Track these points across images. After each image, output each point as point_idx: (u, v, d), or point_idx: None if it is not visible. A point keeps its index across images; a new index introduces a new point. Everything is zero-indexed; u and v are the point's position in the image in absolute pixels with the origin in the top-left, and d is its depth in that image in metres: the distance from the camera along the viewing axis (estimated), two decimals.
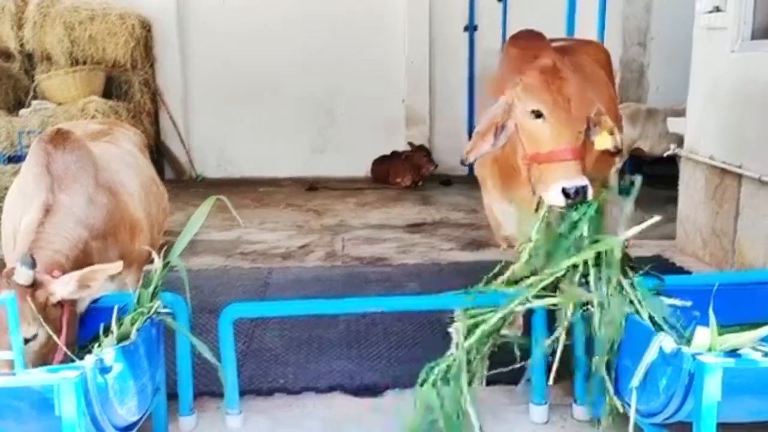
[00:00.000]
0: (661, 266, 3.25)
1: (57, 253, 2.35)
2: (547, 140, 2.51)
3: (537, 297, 2.48)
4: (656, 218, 2.40)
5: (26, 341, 2.18)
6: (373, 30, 7.50)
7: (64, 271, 2.31)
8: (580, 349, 2.55)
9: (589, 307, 2.39)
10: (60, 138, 2.66)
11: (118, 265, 2.33)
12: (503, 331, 2.80)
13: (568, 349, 2.51)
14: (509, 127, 2.64)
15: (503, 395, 2.73)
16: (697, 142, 4.57)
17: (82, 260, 2.42)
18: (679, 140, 4.86)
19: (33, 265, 2.20)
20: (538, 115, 2.55)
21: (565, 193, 2.42)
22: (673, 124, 5.12)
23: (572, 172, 2.45)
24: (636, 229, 2.42)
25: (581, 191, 2.42)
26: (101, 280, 2.30)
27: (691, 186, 4.63)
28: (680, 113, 5.08)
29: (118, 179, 2.76)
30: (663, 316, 2.23)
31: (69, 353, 2.28)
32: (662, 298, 2.33)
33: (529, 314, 2.64)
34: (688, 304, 2.30)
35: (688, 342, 1.97)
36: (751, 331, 1.84)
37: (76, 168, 2.58)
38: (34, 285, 2.21)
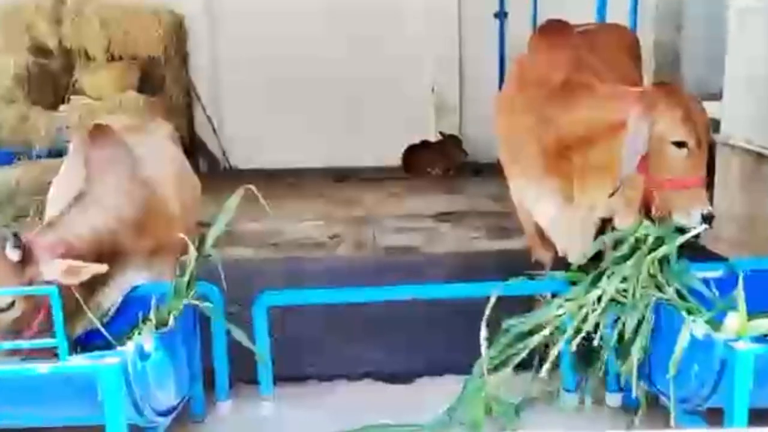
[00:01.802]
0: (696, 253, 3.22)
1: (70, 235, 2.40)
2: (686, 169, 2.61)
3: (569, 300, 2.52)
4: (702, 227, 2.54)
5: (1, 310, 2.23)
6: (402, 18, 7.48)
7: (75, 254, 2.36)
8: (610, 336, 2.54)
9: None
10: (98, 132, 2.76)
11: (103, 267, 2.38)
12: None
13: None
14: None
15: (535, 382, 2.73)
16: (733, 126, 4.48)
17: (106, 247, 2.48)
18: (715, 125, 4.76)
19: (17, 242, 2.24)
20: (680, 145, 2.60)
21: (704, 217, 2.57)
22: (708, 108, 5.01)
23: (705, 199, 2.63)
24: (684, 237, 2.51)
25: (712, 217, 2.60)
26: (86, 275, 2.34)
27: (726, 171, 4.54)
28: (716, 97, 4.98)
29: (153, 171, 2.83)
30: (695, 292, 2.24)
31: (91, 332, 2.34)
32: (694, 272, 2.36)
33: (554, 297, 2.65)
34: (719, 273, 2.34)
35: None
36: None
37: (112, 161, 2.67)
38: (25, 261, 2.26)
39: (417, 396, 3.03)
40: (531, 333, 2.56)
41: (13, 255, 2.23)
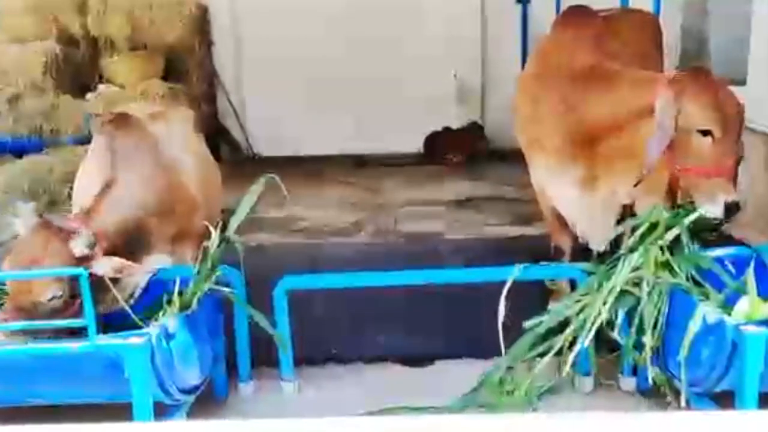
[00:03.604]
0: (718, 239, 3.21)
1: (104, 226, 2.49)
2: (711, 158, 2.56)
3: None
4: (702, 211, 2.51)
5: (51, 299, 2.34)
6: (424, 5, 7.46)
7: (110, 243, 2.46)
8: (626, 321, 2.57)
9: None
10: (121, 120, 2.82)
11: (150, 268, 2.54)
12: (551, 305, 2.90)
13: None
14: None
15: (550, 365, 2.76)
16: (757, 111, 4.42)
17: (134, 235, 2.57)
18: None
19: (93, 245, 2.35)
20: (705, 133, 2.57)
21: (727, 207, 2.52)
22: (737, 95, 4.93)
23: (730, 188, 2.56)
24: (691, 218, 2.49)
25: (738, 207, 2.55)
26: (134, 273, 2.48)
27: (750, 157, 4.48)
28: (744, 83, 4.90)
29: (175, 159, 2.89)
30: (710, 276, 2.24)
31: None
32: (707, 253, 2.37)
33: (573, 283, 2.68)
34: (731, 250, 2.34)
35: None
36: None
37: (135, 148, 2.73)
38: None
39: (435, 379, 3.08)
40: (551, 331, 2.60)
41: (81, 253, 2.35)
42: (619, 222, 2.95)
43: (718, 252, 2.47)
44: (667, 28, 4.55)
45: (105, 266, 2.40)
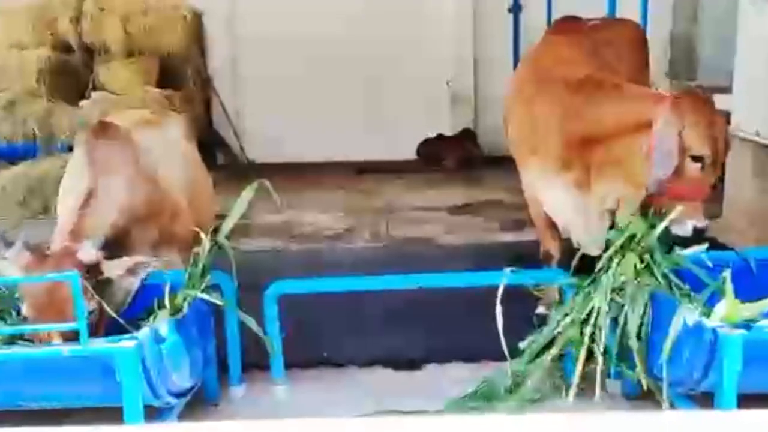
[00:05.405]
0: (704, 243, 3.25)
1: (97, 233, 2.52)
2: (694, 183, 2.64)
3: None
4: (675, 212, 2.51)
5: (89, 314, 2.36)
6: (417, 11, 7.53)
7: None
8: (612, 325, 2.60)
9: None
10: (102, 129, 2.85)
11: (159, 261, 2.57)
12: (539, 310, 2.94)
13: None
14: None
15: (537, 368, 2.79)
16: (744, 118, 4.48)
17: (119, 241, 2.59)
18: (727, 117, 4.75)
19: (102, 246, 2.38)
20: (697, 159, 2.63)
21: (695, 230, 2.63)
22: (720, 101, 5.00)
23: (700, 213, 2.66)
24: (660, 228, 2.54)
25: (703, 231, 2.65)
26: (147, 271, 2.52)
27: (737, 163, 4.54)
28: (729, 90, 4.96)
29: (160, 166, 2.90)
30: (691, 279, 2.28)
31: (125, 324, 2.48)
32: (683, 251, 2.43)
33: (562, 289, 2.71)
34: (705, 246, 2.41)
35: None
36: (759, 302, 1.87)
37: (116, 156, 2.75)
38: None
39: (426, 381, 3.11)
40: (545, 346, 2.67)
41: (91, 257, 2.40)
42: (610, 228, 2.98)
43: (700, 255, 2.51)
44: (656, 34, 4.61)
45: (120, 268, 2.44)
